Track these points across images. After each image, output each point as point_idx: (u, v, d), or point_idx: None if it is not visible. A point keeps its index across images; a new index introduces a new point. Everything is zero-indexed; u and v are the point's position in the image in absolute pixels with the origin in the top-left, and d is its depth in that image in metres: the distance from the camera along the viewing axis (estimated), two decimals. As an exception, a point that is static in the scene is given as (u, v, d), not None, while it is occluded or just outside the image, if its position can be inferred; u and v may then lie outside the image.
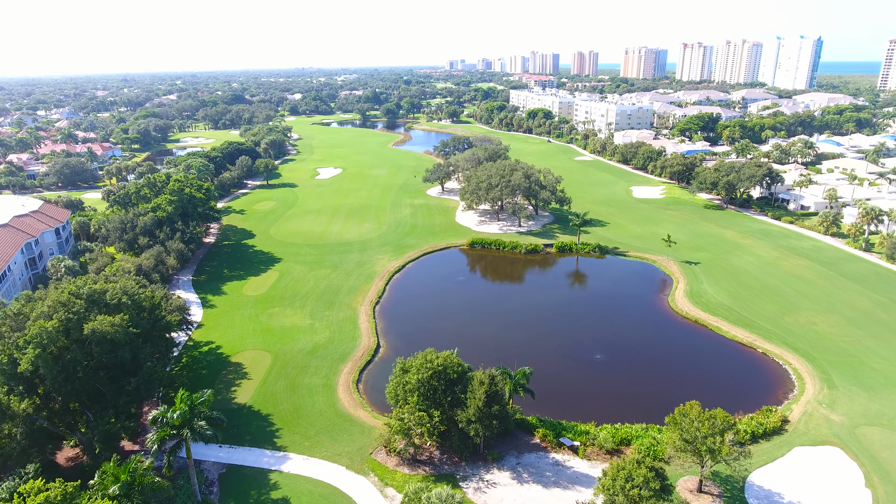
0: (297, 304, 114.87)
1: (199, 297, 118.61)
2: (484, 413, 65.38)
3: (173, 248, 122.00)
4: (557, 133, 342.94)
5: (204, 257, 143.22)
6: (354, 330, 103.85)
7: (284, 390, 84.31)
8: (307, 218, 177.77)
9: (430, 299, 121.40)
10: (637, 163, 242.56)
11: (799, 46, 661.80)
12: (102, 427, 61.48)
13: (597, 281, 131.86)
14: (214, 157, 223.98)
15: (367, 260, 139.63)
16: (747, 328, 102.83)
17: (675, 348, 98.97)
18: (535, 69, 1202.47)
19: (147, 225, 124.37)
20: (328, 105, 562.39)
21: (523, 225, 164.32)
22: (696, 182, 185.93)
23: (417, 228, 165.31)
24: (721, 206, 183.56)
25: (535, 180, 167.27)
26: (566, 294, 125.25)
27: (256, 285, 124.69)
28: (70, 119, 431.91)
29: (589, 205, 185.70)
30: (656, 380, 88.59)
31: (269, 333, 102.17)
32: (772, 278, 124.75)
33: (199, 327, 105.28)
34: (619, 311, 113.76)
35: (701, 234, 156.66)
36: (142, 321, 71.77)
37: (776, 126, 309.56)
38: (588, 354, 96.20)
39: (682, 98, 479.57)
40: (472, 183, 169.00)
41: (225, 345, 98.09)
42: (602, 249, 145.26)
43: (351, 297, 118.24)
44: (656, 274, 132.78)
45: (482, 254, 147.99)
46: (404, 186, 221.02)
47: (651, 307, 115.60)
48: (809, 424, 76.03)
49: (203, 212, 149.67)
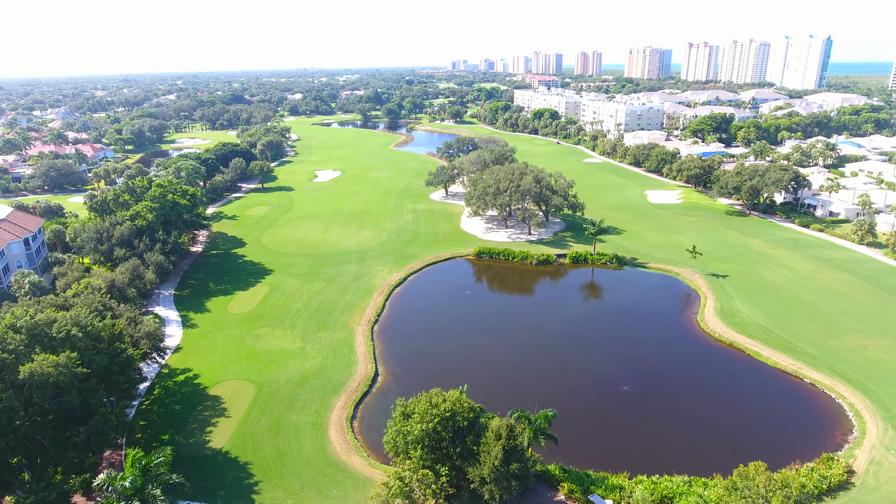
0: (287, 323, 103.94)
1: (180, 315, 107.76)
2: (501, 472, 54.43)
3: (152, 260, 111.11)
4: (565, 134, 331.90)
5: (189, 268, 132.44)
6: (350, 354, 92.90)
7: (268, 431, 73.37)
8: (303, 224, 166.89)
9: (434, 317, 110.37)
10: (650, 165, 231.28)
11: (808, 46, 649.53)
12: (39, 492, 50.54)
13: (616, 296, 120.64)
14: (206, 160, 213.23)
15: (365, 272, 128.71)
16: (789, 353, 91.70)
17: (710, 377, 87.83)
18: (539, 69, 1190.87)
19: (124, 235, 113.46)
20: (329, 105, 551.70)
21: (533, 233, 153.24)
22: (717, 186, 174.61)
23: (420, 236, 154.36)
24: (743, 212, 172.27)
25: (546, 185, 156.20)
26: (583, 311, 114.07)
27: (244, 301, 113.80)
28: (64, 119, 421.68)
29: (601, 210, 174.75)
30: (694, 418, 77.50)
31: (254, 359, 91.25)
32: (809, 294, 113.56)
33: (178, 351, 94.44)
34: (644, 332, 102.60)
35: (725, 243, 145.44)
36: (97, 357, 60.90)
37: (792, 127, 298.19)
38: (613, 384, 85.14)
39: (691, 98, 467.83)
40: (478, 187, 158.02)
41: (204, 373, 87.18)
42: (620, 260, 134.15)
43: (347, 315, 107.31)
44: (680, 287, 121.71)
45: (490, 265, 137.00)
46: (406, 190, 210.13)
47: (679, 327, 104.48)
48: (880, 477, 64.88)
49: (190, 219, 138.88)
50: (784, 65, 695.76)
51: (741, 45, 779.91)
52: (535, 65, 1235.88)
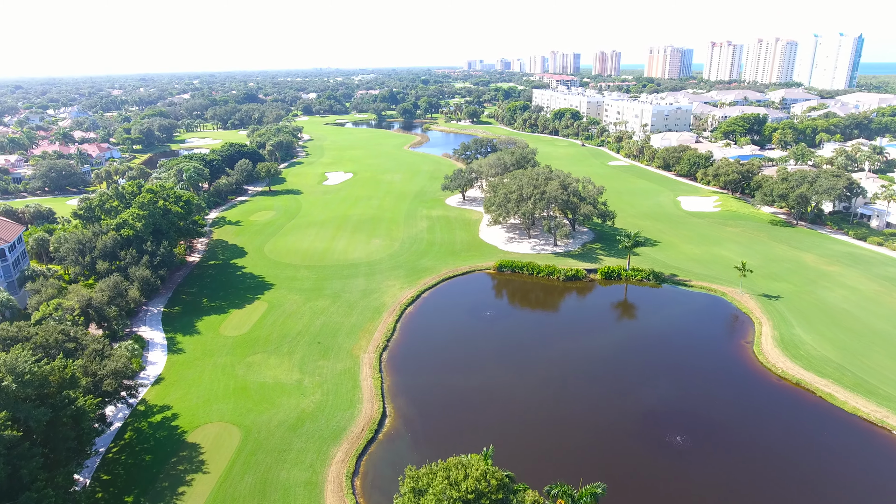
0: (284, 349, 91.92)
1: (167, 337, 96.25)
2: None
3: (137, 275, 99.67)
4: (587, 135, 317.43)
5: (183, 281, 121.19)
6: (354, 390, 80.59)
7: (251, 493, 61.20)
8: (309, 232, 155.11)
9: (451, 344, 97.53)
10: (681, 169, 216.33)
11: (838, 44, 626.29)
12: None
13: (656, 319, 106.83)
14: (211, 161, 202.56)
15: (374, 287, 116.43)
16: (871, 397, 77.63)
17: (780, 428, 74.00)
18: (556, 69, 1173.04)
19: (107, 246, 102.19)
20: (343, 105, 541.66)
21: (559, 244, 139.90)
22: (761, 194, 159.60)
23: (435, 246, 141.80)
24: (789, 223, 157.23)
25: (574, 191, 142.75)
26: (621, 337, 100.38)
27: (238, 321, 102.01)
28: (74, 118, 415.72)
29: (631, 219, 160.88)
30: (770, 485, 63.85)
31: (243, 394, 79.27)
32: (880, 320, 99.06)
33: (158, 382, 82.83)
34: (693, 365, 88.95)
35: (773, 257, 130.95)
36: (36, 412, 49.23)
37: (829, 128, 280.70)
38: (664, 433, 71.79)
39: (716, 98, 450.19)
40: (499, 194, 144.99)
41: (184, 412, 75.36)
42: (658, 277, 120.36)
43: (352, 339, 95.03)
44: (728, 310, 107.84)
45: (512, 279, 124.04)
46: (421, 194, 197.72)
47: (733, 359, 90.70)
48: None
49: (186, 227, 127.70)
50: (812, 64, 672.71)
51: (767, 43, 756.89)
52: (552, 64, 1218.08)
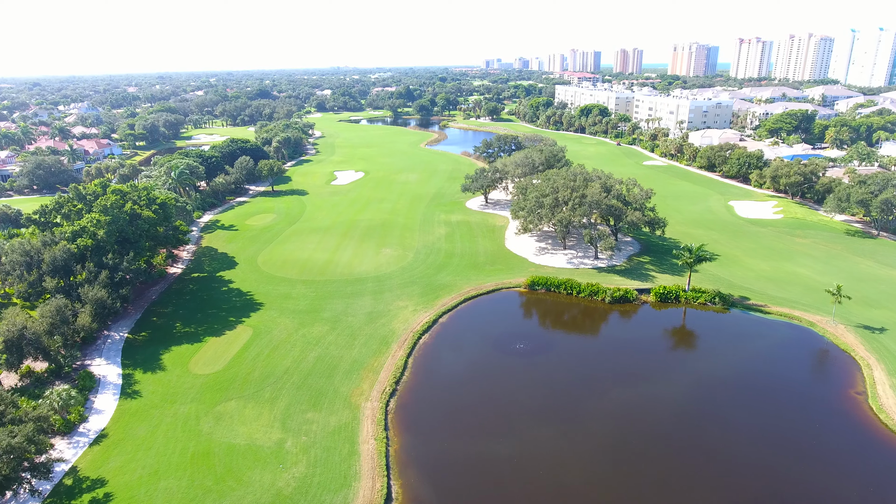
0: (265, 394, 72.59)
1: (123, 374, 77.47)
2: None
3: (90, 296, 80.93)
4: (616, 133, 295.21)
5: (158, 298, 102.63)
6: (350, 458, 60.91)
7: None
8: (311, 239, 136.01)
9: (475, 389, 77.21)
10: (728, 170, 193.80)
11: (878, 40, 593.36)
12: None
13: (734, 358, 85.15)
14: (209, 158, 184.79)
15: (383, 310, 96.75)
16: None
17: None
18: (575, 67, 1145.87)
19: (57, 259, 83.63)
20: (358, 101, 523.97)
21: (601, 256, 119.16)
22: (834, 199, 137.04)
23: (455, 258, 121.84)
24: (868, 233, 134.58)
25: (618, 195, 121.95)
26: (690, 382, 78.88)
27: (214, 354, 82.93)
28: (81, 114, 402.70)
29: (679, 226, 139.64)
30: None
31: (203, 465, 59.95)
32: None
33: (99, 441, 63.91)
34: (794, 427, 67.74)
35: (861, 276, 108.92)
36: None
37: (887, 126, 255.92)
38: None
39: (751, 95, 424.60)
40: (529, 197, 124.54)
41: (120, 491, 56.20)
42: (725, 300, 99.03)
43: (352, 381, 75.44)
44: (818, 344, 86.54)
45: (546, 300, 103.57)
46: (438, 196, 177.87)
47: (841, 416, 69.48)
48: None
49: (164, 234, 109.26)
50: (850, 61, 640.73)
51: (799, 39, 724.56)
52: (571, 63, 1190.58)
